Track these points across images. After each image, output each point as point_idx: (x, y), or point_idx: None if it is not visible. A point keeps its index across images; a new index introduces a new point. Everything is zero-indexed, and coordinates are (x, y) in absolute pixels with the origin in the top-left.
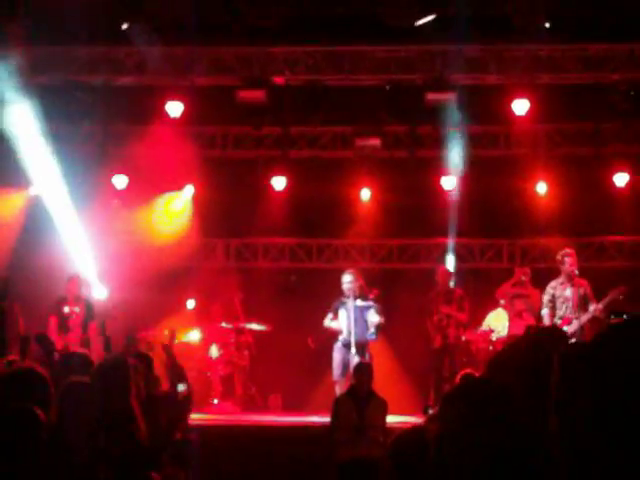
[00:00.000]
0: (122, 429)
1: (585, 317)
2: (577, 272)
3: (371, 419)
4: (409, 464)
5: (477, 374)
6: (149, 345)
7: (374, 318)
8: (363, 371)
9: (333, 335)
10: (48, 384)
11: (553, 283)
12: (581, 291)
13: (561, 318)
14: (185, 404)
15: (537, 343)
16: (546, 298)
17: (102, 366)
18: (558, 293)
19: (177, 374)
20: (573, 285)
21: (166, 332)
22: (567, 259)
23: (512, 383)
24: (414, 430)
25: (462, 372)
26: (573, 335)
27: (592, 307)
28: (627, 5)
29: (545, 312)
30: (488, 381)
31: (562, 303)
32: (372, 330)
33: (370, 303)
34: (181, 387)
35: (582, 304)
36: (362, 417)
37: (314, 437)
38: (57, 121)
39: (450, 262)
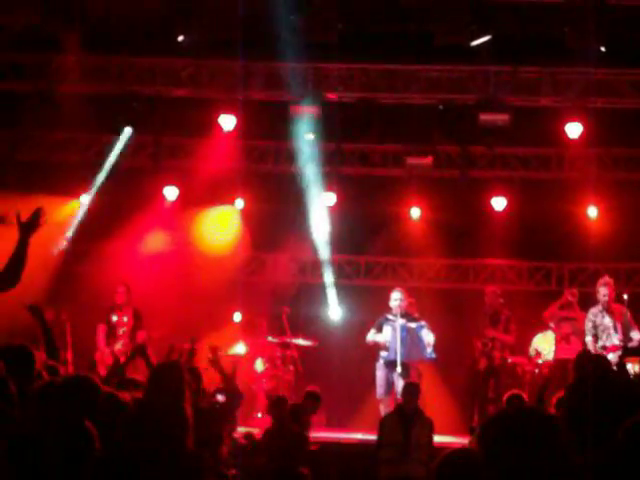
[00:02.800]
0: (174, 438)
1: (632, 345)
2: (614, 300)
3: (417, 438)
4: None
5: (524, 396)
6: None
7: (430, 337)
8: (411, 391)
9: (376, 353)
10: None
11: (594, 310)
12: (621, 319)
13: (604, 347)
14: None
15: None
16: (589, 325)
17: (159, 371)
18: (598, 321)
19: (231, 385)
20: (611, 313)
21: (210, 346)
22: (601, 289)
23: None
24: (460, 451)
25: (509, 394)
26: (617, 365)
27: (636, 333)
28: None
29: (589, 339)
30: (534, 409)
31: (602, 332)
32: (430, 350)
33: (422, 323)
34: (220, 397)
35: (625, 331)
36: (408, 436)
37: (356, 454)
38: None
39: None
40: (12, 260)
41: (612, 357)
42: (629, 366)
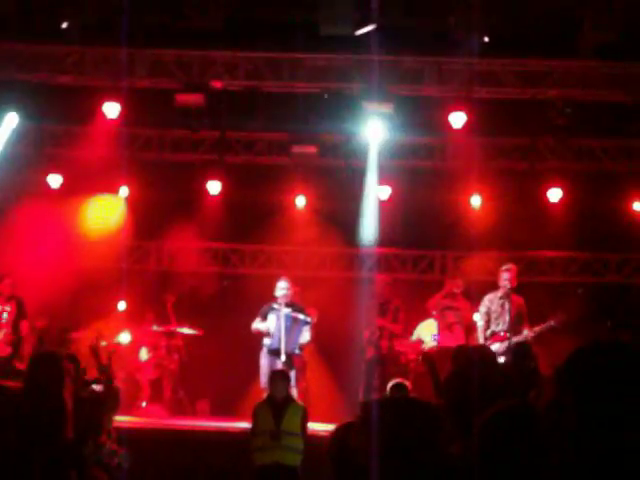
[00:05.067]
0: (53, 426)
1: (516, 339)
2: (513, 288)
3: (288, 425)
4: (344, 461)
5: (408, 383)
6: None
7: (306, 337)
8: (279, 378)
9: (261, 341)
10: None
11: (490, 296)
12: (517, 309)
13: (492, 334)
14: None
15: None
16: (482, 310)
17: (36, 360)
18: (494, 308)
19: (105, 375)
20: (509, 302)
21: (93, 334)
22: (505, 274)
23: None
24: (347, 427)
25: (393, 382)
26: (501, 354)
27: (525, 330)
28: (564, 21)
29: (480, 325)
30: (413, 399)
31: (496, 319)
32: (298, 347)
33: (308, 319)
34: (96, 387)
35: (516, 322)
36: (279, 423)
37: (239, 443)
38: None
39: (381, 272)
40: None
41: (497, 346)
42: (496, 346)
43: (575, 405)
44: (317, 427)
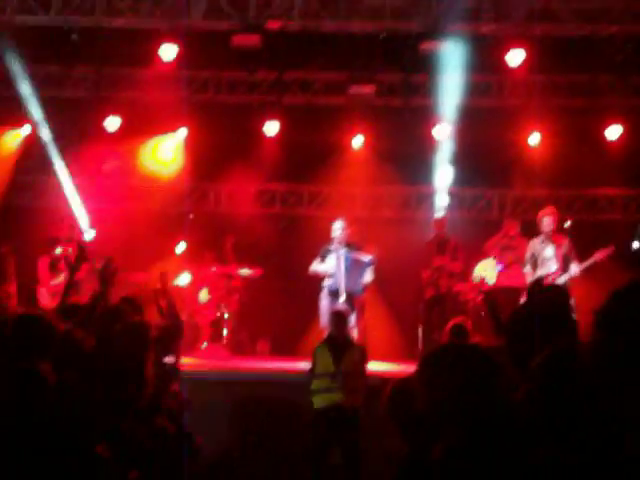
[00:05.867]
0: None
1: (564, 277)
2: (555, 231)
3: (348, 366)
4: (404, 415)
5: (468, 324)
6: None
7: (369, 277)
8: (339, 319)
9: (320, 281)
10: (54, 332)
11: (535, 240)
12: (562, 250)
13: (543, 277)
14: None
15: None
16: (527, 255)
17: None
18: (538, 252)
19: (173, 316)
20: (553, 244)
21: (159, 275)
22: (545, 219)
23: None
24: (407, 381)
25: (452, 322)
26: None
27: (573, 267)
28: None
29: (527, 269)
30: (472, 346)
31: (542, 262)
32: (361, 287)
33: (370, 259)
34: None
35: (565, 262)
36: (338, 364)
37: (299, 383)
38: (50, 63)
39: (441, 211)
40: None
41: None
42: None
43: (615, 346)
44: (376, 367)
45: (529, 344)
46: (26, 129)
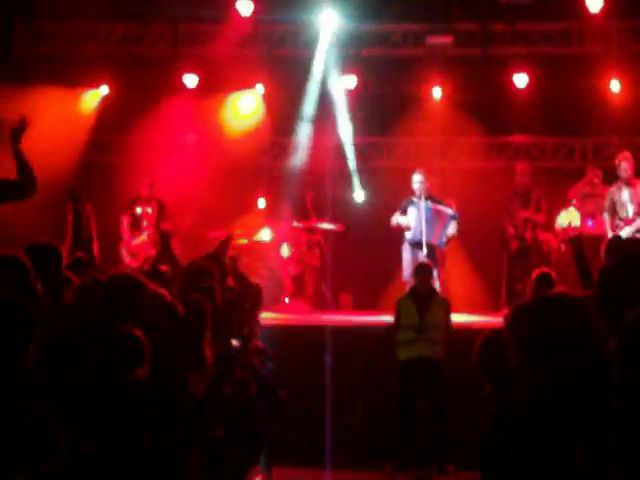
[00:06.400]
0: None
1: None
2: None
3: (432, 319)
4: (496, 368)
5: (553, 273)
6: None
7: (453, 229)
8: (423, 271)
9: (402, 235)
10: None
11: (612, 188)
12: (639, 194)
13: (622, 220)
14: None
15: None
16: (606, 203)
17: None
18: (617, 197)
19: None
20: (630, 188)
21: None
22: (622, 164)
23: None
24: (496, 333)
25: (538, 272)
26: (637, 232)
27: None
28: None
29: (605, 216)
30: (564, 295)
31: (621, 207)
32: (445, 240)
33: (453, 212)
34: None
35: None
36: (423, 317)
37: (382, 336)
38: (127, 20)
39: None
40: (19, 169)
41: (627, 231)
42: (626, 230)
43: None
44: (459, 319)
45: (619, 297)
46: (104, 89)
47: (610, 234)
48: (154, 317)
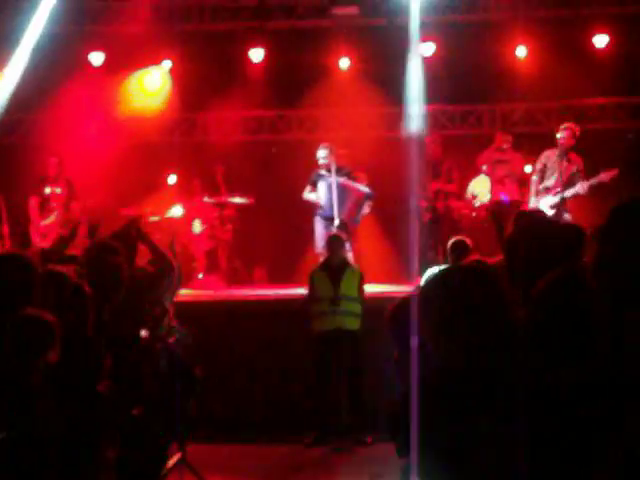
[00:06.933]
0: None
1: (570, 192)
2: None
3: (346, 290)
4: (406, 335)
5: (468, 240)
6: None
7: (366, 210)
8: (335, 243)
9: (314, 207)
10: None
11: (548, 152)
12: (573, 168)
13: (546, 188)
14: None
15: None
16: (538, 166)
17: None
18: (550, 164)
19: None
20: (566, 159)
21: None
22: (562, 133)
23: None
24: (408, 300)
25: (453, 239)
26: (553, 207)
27: (578, 184)
28: None
29: (534, 179)
30: (473, 265)
31: (551, 174)
32: (358, 219)
33: (367, 191)
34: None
35: (571, 180)
36: (337, 289)
37: (297, 309)
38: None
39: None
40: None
41: (551, 199)
42: (548, 199)
43: (618, 259)
44: (373, 289)
45: (525, 268)
46: (8, 69)
47: (532, 196)
48: (58, 297)
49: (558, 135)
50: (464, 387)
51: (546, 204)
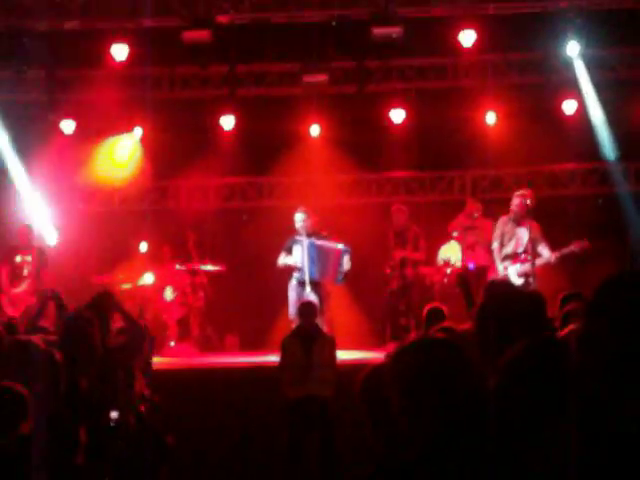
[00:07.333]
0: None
1: (540, 261)
2: (526, 213)
3: (319, 358)
4: (378, 402)
5: (443, 308)
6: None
7: (348, 265)
8: (307, 310)
9: (288, 273)
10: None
11: (504, 219)
12: (531, 234)
13: (510, 256)
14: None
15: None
16: (496, 232)
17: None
18: (507, 229)
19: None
20: (522, 226)
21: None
22: (514, 200)
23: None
24: (379, 369)
25: (429, 307)
26: (524, 275)
27: (548, 252)
28: None
29: (495, 246)
30: (444, 339)
31: (509, 240)
32: (341, 277)
33: (343, 247)
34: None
35: (533, 246)
36: (309, 356)
37: (270, 377)
38: (3, 67)
39: (401, 196)
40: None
41: (518, 268)
42: (516, 267)
43: (609, 337)
44: (345, 356)
45: (495, 336)
46: None
47: (499, 264)
48: (26, 366)
49: (513, 201)
50: (442, 462)
51: (514, 272)
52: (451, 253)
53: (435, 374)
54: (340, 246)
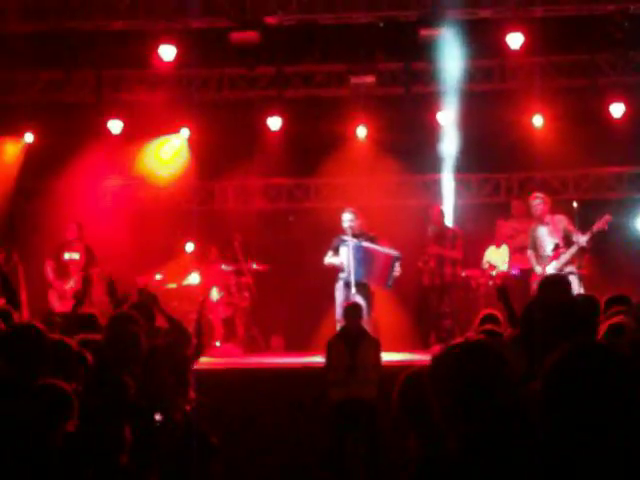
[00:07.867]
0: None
1: (572, 249)
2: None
3: (363, 359)
4: (417, 407)
5: (499, 314)
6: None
7: (397, 272)
8: (352, 312)
9: (334, 274)
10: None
11: (532, 225)
12: (559, 227)
13: (545, 258)
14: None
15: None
16: (530, 240)
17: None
18: (536, 234)
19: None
20: (547, 225)
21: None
22: (532, 203)
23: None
24: (420, 373)
25: (483, 312)
26: (563, 266)
27: (577, 238)
28: None
29: (530, 253)
30: (482, 342)
31: (542, 243)
32: (391, 282)
33: (396, 253)
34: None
35: (565, 238)
36: (354, 357)
37: (314, 378)
38: (51, 68)
39: (447, 198)
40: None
41: (554, 264)
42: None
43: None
44: (390, 357)
45: (543, 338)
46: (29, 137)
47: (537, 268)
48: (67, 367)
49: (533, 206)
50: (480, 461)
51: (553, 270)
52: (498, 255)
53: (474, 377)
54: (392, 252)
